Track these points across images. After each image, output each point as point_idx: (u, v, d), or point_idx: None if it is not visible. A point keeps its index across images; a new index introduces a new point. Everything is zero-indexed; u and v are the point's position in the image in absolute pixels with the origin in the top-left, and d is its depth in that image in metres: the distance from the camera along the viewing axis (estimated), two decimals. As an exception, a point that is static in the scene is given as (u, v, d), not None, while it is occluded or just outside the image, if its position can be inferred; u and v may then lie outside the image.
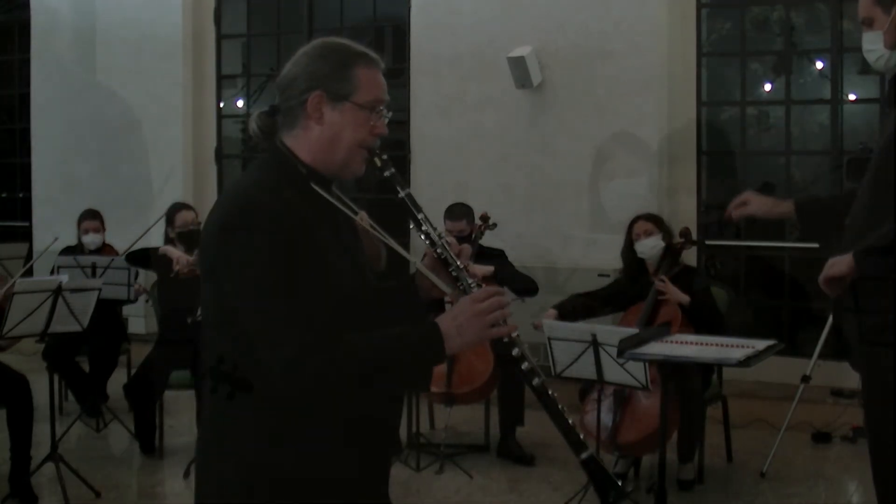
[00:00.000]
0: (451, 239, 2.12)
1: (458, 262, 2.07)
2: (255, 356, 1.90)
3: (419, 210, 2.10)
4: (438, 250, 2.08)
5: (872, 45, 3.10)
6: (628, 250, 5.23)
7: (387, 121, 2.10)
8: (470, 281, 2.06)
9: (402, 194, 2.10)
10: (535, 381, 2.00)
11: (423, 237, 2.09)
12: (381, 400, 2.06)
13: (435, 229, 2.10)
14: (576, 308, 5.19)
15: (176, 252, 5.65)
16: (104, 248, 6.60)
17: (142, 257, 5.87)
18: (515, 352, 2.00)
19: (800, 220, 3.36)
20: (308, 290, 1.90)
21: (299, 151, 2.05)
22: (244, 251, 1.91)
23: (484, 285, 2.06)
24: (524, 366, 2.00)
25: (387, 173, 2.09)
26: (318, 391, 1.90)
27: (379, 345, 1.93)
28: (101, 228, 6.61)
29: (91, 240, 6.56)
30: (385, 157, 2.09)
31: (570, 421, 2.02)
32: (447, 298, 2.11)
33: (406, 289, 2.17)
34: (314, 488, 1.98)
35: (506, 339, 2.00)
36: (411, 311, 2.15)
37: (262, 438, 1.96)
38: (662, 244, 5.12)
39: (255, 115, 2.13)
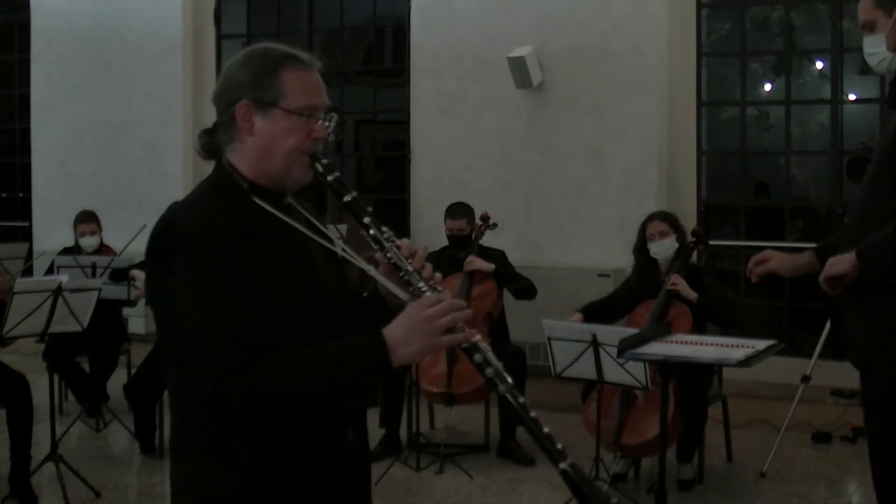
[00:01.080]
0: (405, 241, 2.00)
1: (408, 266, 1.94)
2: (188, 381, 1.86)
3: (365, 213, 1.98)
4: (388, 255, 1.95)
5: (874, 48, 3.08)
6: (641, 249, 5.19)
7: (331, 124, 2.01)
8: (421, 285, 1.92)
9: (347, 198, 1.98)
10: (501, 387, 1.88)
11: (370, 241, 1.97)
12: (334, 413, 1.98)
13: (383, 232, 1.97)
14: (599, 310, 5.15)
15: (141, 274, 5.70)
16: (102, 249, 6.60)
17: (123, 275, 5.89)
18: (477, 357, 1.88)
19: (822, 265, 3.32)
20: (236, 308, 1.83)
21: (240, 165, 1.98)
22: (163, 277, 1.87)
23: (441, 288, 1.94)
24: (487, 372, 1.88)
25: (330, 178, 1.98)
26: (250, 413, 1.84)
27: (315, 360, 1.84)
28: (97, 230, 6.61)
29: (88, 242, 6.56)
30: (326, 161, 1.99)
31: (545, 429, 1.92)
32: (411, 289, 1.98)
33: (373, 298, 2.09)
34: None
35: (464, 346, 1.87)
36: (380, 320, 2.03)
37: (220, 462, 1.90)
38: (677, 245, 5.10)
39: (197, 134, 2.07)
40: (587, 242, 7.29)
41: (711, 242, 5.73)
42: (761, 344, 3.47)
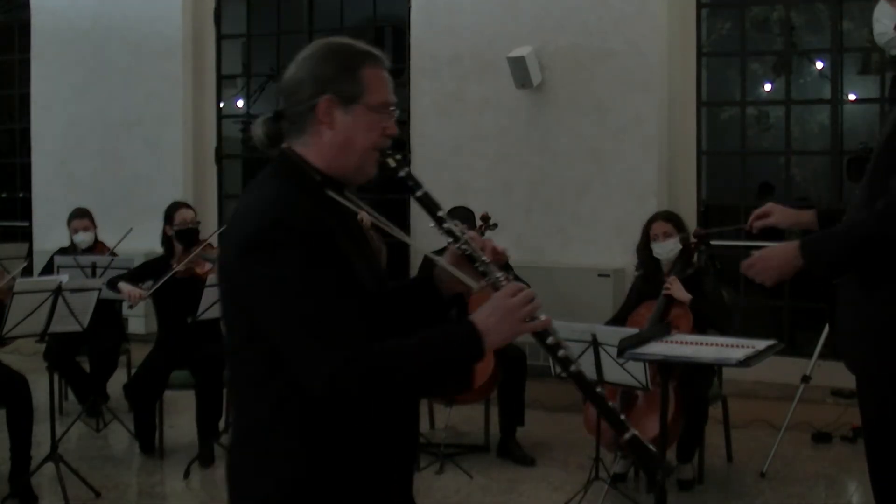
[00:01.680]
0: (474, 233, 2.09)
1: (484, 257, 2.03)
2: (291, 375, 1.89)
3: (438, 207, 2.06)
4: (462, 246, 2.04)
5: (887, 18, 3.01)
6: (644, 248, 5.21)
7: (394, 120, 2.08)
8: (498, 275, 2.02)
9: (419, 193, 2.06)
10: (573, 367, 1.99)
11: (444, 234, 2.05)
12: (408, 408, 2.08)
13: (456, 225, 2.06)
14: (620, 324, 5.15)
15: (126, 287, 5.66)
16: (96, 246, 6.59)
17: (114, 286, 5.87)
18: (550, 340, 1.98)
19: (821, 228, 3.25)
20: (339, 300, 1.88)
21: (311, 158, 2.01)
22: (269, 270, 1.88)
23: (511, 279, 2.03)
24: (560, 353, 1.98)
25: (402, 173, 2.06)
26: (362, 402, 1.90)
27: (418, 350, 1.91)
28: (90, 226, 6.59)
29: (82, 238, 6.55)
30: (399, 156, 2.06)
31: (609, 403, 2.02)
32: (474, 292, 2.09)
33: (425, 286, 2.16)
34: (347, 495, 1.98)
35: (541, 333, 1.98)
36: (432, 308, 2.13)
37: (303, 455, 1.95)
38: (680, 247, 5.11)
39: (261, 121, 2.08)
40: (587, 242, 7.29)
41: (711, 243, 5.73)
42: (761, 344, 3.47)
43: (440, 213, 2.05)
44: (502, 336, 1.93)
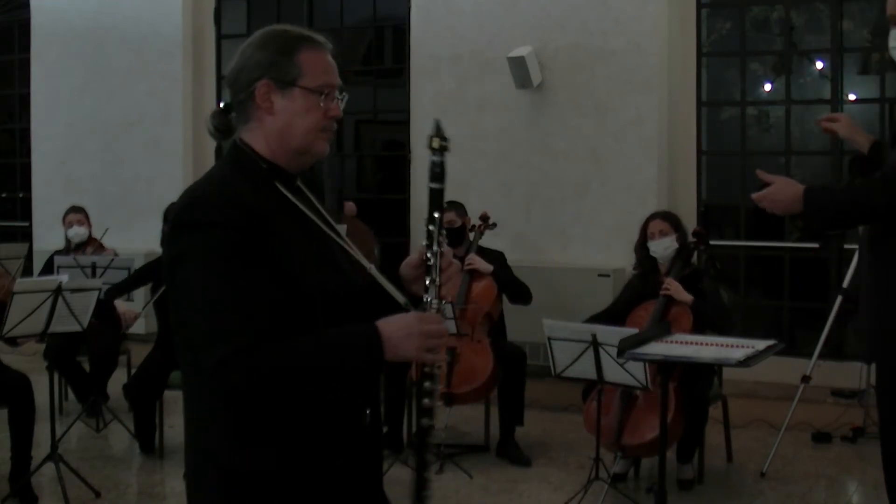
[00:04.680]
0: (449, 254, 2.06)
1: (437, 277, 2.00)
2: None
3: (438, 208, 2.04)
4: (428, 254, 2.02)
5: None
6: (641, 247, 5.22)
7: (342, 103, 2.05)
8: (435, 300, 1.99)
9: (434, 186, 2.07)
10: (424, 420, 2.01)
11: (426, 234, 2.03)
12: (354, 393, 2.01)
13: (441, 233, 2.03)
14: (604, 320, 5.15)
15: (122, 307, 5.66)
16: (89, 241, 6.59)
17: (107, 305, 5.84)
18: (427, 385, 1.98)
19: (870, 155, 3.42)
20: (250, 290, 1.83)
21: (256, 145, 2.00)
22: (185, 248, 1.87)
23: (448, 304, 2.02)
24: (424, 402, 1.99)
25: (434, 158, 2.09)
26: (246, 394, 1.85)
27: (315, 349, 1.86)
28: (84, 221, 6.60)
29: (76, 232, 6.54)
30: (445, 143, 2.12)
31: (425, 475, 2.08)
32: (426, 298, 2.03)
33: (394, 285, 2.12)
34: (292, 487, 1.94)
35: (427, 368, 1.97)
36: (398, 308, 2.09)
37: (233, 440, 1.91)
38: (676, 245, 5.11)
39: (210, 114, 2.09)
40: (587, 242, 7.29)
41: (711, 242, 5.73)
42: (761, 344, 3.46)
43: (436, 215, 2.03)
44: (399, 353, 1.89)
